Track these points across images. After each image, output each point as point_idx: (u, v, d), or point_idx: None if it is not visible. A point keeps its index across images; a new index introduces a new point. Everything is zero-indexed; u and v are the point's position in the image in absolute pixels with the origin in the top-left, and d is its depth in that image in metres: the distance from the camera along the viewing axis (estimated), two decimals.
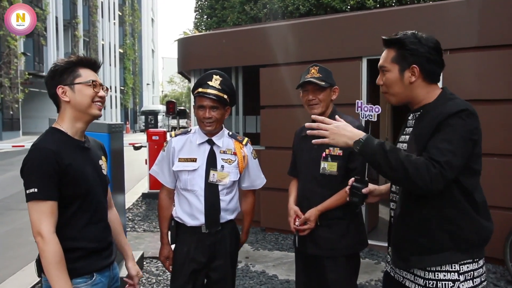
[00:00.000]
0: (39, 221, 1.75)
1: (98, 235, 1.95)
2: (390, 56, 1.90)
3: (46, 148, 1.80)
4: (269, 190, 5.69)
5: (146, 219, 7.10)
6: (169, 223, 2.68)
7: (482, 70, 4.65)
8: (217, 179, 2.53)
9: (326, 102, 2.56)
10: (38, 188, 1.75)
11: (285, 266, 4.78)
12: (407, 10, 5.45)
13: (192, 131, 2.65)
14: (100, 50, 39.03)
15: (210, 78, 2.49)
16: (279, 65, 5.85)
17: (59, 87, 1.90)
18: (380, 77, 1.95)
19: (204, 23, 13.66)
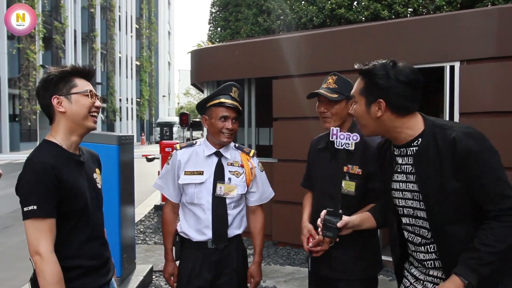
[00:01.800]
0: (37, 240, 1.67)
1: (96, 252, 1.88)
2: (359, 87, 1.83)
3: (44, 163, 1.71)
4: (282, 204, 5.61)
5: (158, 231, 7.04)
6: (173, 239, 2.60)
7: (500, 81, 4.52)
8: (224, 192, 2.46)
9: (340, 116, 2.37)
10: (37, 205, 1.66)
11: (297, 282, 4.66)
12: (422, 21, 5.36)
13: (198, 143, 2.58)
14: (117, 63, 39.60)
15: (231, 90, 2.46)
16: (292, 76, 5.79)
17: (55, 97, 1.81)
18: (352, 106, 1.89)
19: (218, 35, 13.73)
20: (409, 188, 1.79)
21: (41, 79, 1.88)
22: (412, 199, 1.78)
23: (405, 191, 1.80)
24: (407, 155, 1.78)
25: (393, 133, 1.79)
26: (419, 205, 1.75)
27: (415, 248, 1.83)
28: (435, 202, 1.68)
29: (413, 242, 1.83)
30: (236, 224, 2.52)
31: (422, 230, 1.78)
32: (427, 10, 9.46)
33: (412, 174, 1.76)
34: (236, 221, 2.53)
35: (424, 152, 1.71)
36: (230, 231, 2.49)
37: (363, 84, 1.80)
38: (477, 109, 4.54)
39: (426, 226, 1.76)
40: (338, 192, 1.90)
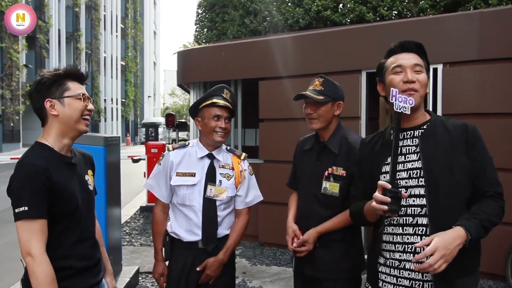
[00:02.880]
0: (28, 241, 1.67)
1: (87, 253, 1.89)
2: (422, 60, 1.91)
3: (36, 164, 1.72)
4: (268, 204, 5.63)
5: (144, 233, 7.02)
6: (163, 239, 2.61)
7: (482, 83, 4.61)
8: (214, 194, 2.48)
9: (326, 117, 2.41)
10: (28, 206, 1.67)
11: (283, 282, 4.70)
12: (407, 23, 5.44)
13: (190, 144, 2.60)
14: (102, 63, 39.24)
15: (222, 91, 2.51)
16: (278, 78, 5.83)
17: (47, 100, 1.83)
18: (412, 75, 1.84)
19: (204, 36, 13.71)
20: (406, 167, 1.84)
21: (34, 82, 1.90)
22: (408, 178, 1.83)
23: (401, 171, 1.85)
24: (412, 137, 1.88)
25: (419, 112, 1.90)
26: (417, 182, 1.81)
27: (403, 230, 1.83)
28: (438, 176, 1.77)
29: (399, 223, 1.84)
30: (225, 224, 2.55)
31: (415, 208, 1.80)
32: (411, 13, 9.59)
33: (415, 153, 1.84)
34: (226, 221, 2.55)
35: (432, 132, 1.85)
36: (219, 231, 2.51)
37: (422, 60, 1.91)
38: (459, 111, 4.63)
39: (421, 203, 1.79)
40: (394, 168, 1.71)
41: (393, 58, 1.93)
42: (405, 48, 1.92)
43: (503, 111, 4.50)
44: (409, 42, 1.93)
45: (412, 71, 1.85)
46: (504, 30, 4.52)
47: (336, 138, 2.43)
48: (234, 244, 2.56)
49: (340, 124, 2.51)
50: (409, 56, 1.89)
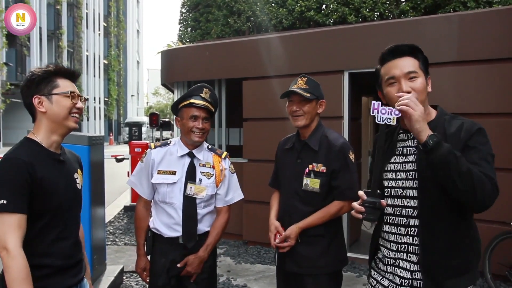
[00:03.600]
0: (4, 235, 1.66)
1: (66, 252, 1.87)
2: (417, 63, 1.85)
3: (19, 159, 1.72)
4: (252, 203, 5.67)
5: (128, 232, 7.00)
6: (145, 234, 2.66)
7: (461, 84, 4.73)
8: (194, 192, 2.53)
9: (311, 114, 2.50)
10: (7, 200, 1.67)
11: (267, 280, 4.74)
12: (388, 25, 5.54)
13: (172, 143, 2.64)
14: (85, 61, 38.77)
15: (201, 91, 2.55)
16: (262, 78, 5.88)
17: (36, 97, 1.84)
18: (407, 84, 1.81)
19: (188, 36, 13.67)
20: (405, 168, 1.86)
21: (25, 78, 1.90)
22: (405, 179, 1.85)
23: (400, 171, 1.88)
24: (413, 138, 1.86)
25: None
26: (412, 184, 1.82)
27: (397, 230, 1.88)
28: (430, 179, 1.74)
29: (394, 222, 1.88)
30: (206, 222, 2.60)
31: (408, 209, 1.84)
32: (392, 15, 9.72)
33: (413, 154, 1.84)
34: (206, 219, 2.60)
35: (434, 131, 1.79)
36: (200, 228, 2.56)
37: (417, 61, 1.86)
38: None
39: (413, 205, 1.82)
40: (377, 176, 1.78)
41: (386, 68, 1.89)
42: (396, 53, 1.87)
43: (481, 111, 4.61)
44: (401, 46, 1.88)
45: (406, 80, 1.82)
46: (483, 32, 4.63)
47: (316, 136, 2.52)
48: (214, 241, 2.61)
49: (321, 123, 2.60)
50: (402, 62, 1.85)
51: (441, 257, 1.77)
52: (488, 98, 4.60)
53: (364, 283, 4.70)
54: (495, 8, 4.98)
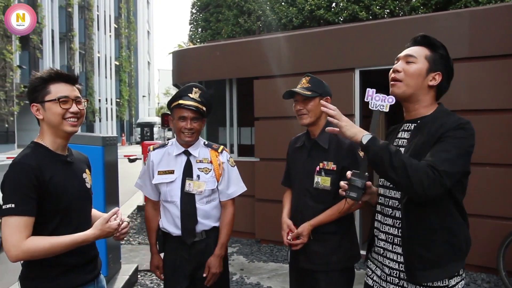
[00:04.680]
0: (11, 236, 1.70)
1: (80, 250, 1.90)
2: (425, 53, 1.89)
3: (25, 163, 1.77)
4: (264, 202, 5.69)
5: (141, 231, 7.07)
6: (156, 234, 2.74)
7: (473, 80, 4.69)
8: (193, 188, 2.59)
9: (315, 112, 2.52)
10: (15, 203, 1.72)
11: (280, 278, 4.76)
12: (399, 22, 5.52)
13: (170, 143, 2.72)
14: (96, 63, 39.13)
15: (190, 91, 2.57)
16: (273, 77, 5.90)
17: (33, 105, 1.88)
18: (401, 64, 1.90)
19: (198, 36, 13.74)
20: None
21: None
22: None
23: None
24: (408, 130, 1.92)
25: (417, 105, 1.91)
26: None
27: (384, 220, 1.95)
28: None
29: (383, 213, 1.96)
30: (212, 217, 2.66)
31: (394, 201, 1.91)
32: (403, 12, 9.67)
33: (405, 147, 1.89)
34: (212, 214, 2.66)
35: (422, 127, 1.85)
36: (205, 224, 2.61)
37: (430, 52, 1.89)
38: (451, 108, 4.59)
39: (397, 197, 1.89)
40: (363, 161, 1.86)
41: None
42: (413, 42, 1.96)
43: (493, 108, 4.58)
44: (418, 35, 1.95)
45: (403, 61, 1.90)
46: (494, 28, 4.60)
47: (325, 134, 2.54)
48: (227, 238, 2.68)
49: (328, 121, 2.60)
50: (414, 48, 1.92)
51: (416, 248, 1.80)
52: (500, 94, 4.57)
53: None
54: (506, 3, 4.93)
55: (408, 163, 1.65)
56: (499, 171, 4.58)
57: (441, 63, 1.88)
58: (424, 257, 1.78)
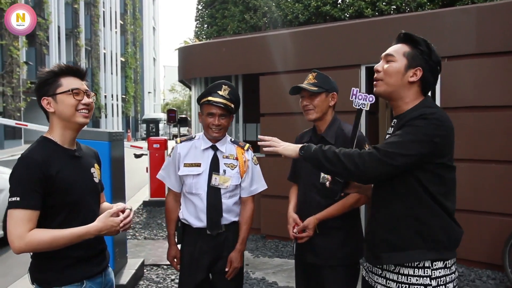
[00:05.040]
0: (14, 228, 1.73)
1: (87, 243, 1.91)
2: (403, 50, 1.92)
3: (31, 158, 1.80)
4: (269, 197, 5.71)
5: (147, 227, 7.11)
6: (175, 225, 2.79)
7: (480, 77, 4.68)
8: (219, 182, 2.64)
9: (321, 107, 2.54)
10: (20, 197, 1.74)
11: (285, 273, 4.79)
12: (405, 18, 5.50)
13: (197, 137, 2.76)
14: (102, 59, 39.25)
15: (220, 88, 2.62)
16: (279, 73, 5.90)
17: (43, 98, 1.90)
18: (381, 64, 1.96)
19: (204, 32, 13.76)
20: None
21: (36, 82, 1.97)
22: None
23: None
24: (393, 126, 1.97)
25: (400, 102, 1.93)
26: None
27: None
28: None
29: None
30: (232, 212, 2.70)
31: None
32: (409, 8, 9.64)
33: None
34: (232, 209, 2.70)
35: (397, 123, 1.91)
36: (226, 218, 2.67)
37: (408, 49, 1.91)
38: (457, 104, 4.71)
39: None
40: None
41: None
42: (396, 40, 2.00)
43: (500, 104, 4.57)
44: (400, 33, 1.99)
45: (384, 61, 1.96)
46: (501, 24, 4.58)
47: (332, 129, 2.57)
48: (247, 233, 2.75)
49: (336, 116, 2.65)
50: (394, 47, 1.96)
51: (379, 230, 1.89)
52: (507, 91, 4.55)
53: None
54: None
55: (340, 152, 1.80)
56: (505, 168, 4.57)
57: (422, 58, 1.89)
58: (387, 240, 1.85)
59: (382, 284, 1.90)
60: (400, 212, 1.83)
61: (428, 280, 1.80)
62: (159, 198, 8.55)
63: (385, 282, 1.88)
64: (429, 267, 1.80)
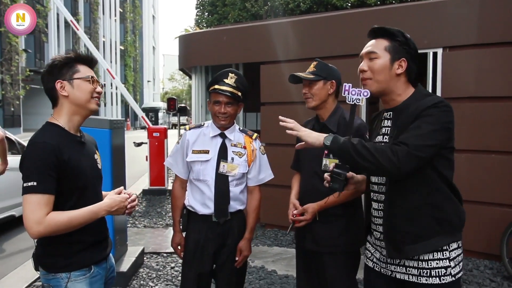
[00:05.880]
0: (32, 213, 1.73)
1: (96, 228, 1.97)
2: (383, 45, 1.94)
3: (46, 142, 1.81)
4: (269, 187, 5.70)
5: (147, 215, 7.14)
6: (181, 212, 2.81)
7: (481, 67, 4.67)
8: (227, 170, 2.66)
9: (319, 95, 2.57)
10: (37, 181, 1.75)
11: (284, 262, 4.82)
12: (408, 8, 5.47)
13: (206, 125, 2.78)
14: (101, 47, 39.05)
15: (226, 76, 2.63)
16: (279, 62, 5.88)
17: (58, 81, 1.91)
18: (365, 63, 1.97)
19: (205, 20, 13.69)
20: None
21: (46, 65, 1.97)
22: None
23: None
24: (390, 118, 1.98)
25: (392, 96, 1.96)
26: None
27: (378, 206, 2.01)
28: None
29: (377, 199, 2.01)
30: (239, 200, 2.73)
31: (380, 186, 1.98)
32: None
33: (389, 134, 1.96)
34: (239, 197, 2.73)
35: (399, 113, 1.92)
36: (232, 206, 2.69)
37: (388, 43, 1.93)
38: (458, 95, 4.70)
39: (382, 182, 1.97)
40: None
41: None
42: (371, 34, 2.02)
43: (501, 95, 4.57)
44: (372, 29, 2.01)
45: (367, 59, 1.97)
46: (503, 14, 4.56)
47: (334, 118, 2.59)
48: (255, 222, 2.79)
49: (339, 105, 2.67)
50: (370, 43, 1.99)
51: (399, 224, 1.87)
52: (508, 81, 4.55)
53: None
54: None
55: (372, 147, 1.76)
56: (504, 159, 4.58)
57: (402, 49, 1.92)
58: (409, 232, 1.85)
59: (402, 272, 1.91)
60: (418, 202, 1.85)
61: (447, 262, 1.85)
62: (158, 186, 8.57)
63: (405, 270, 1.90)
64: (447, 249, 1.85)
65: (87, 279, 1.94)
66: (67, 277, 1.89)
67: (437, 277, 1.84)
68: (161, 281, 4.35)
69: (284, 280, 4.27)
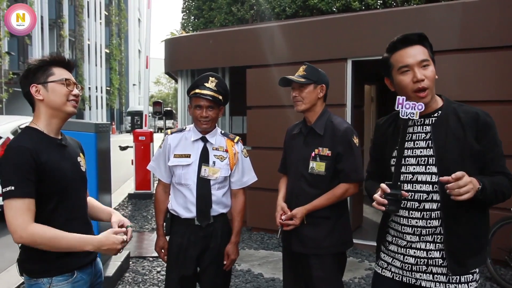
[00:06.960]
0: (14, 219, 1.72)
1: (78, 232, 1.91)
2: (427, 52, 1.89)
3: (22, 147, 1.79)
4: (255, 190, 5.73)
5: (132, 219, 7.09)
6: (164, 216, 2.80)
7: (464, 72, 4.75)
8: (209, 174, 2.66)
9: (309, 99, 2.61)
10: (15, 186, 1.73)
11: (271, 265, 4.83)
12: (392, 13, 5.55)
13: (187, 129, 2.78)
14: (86, 50, 38.68)
15: (206, 80, 2.64)
16: (265, 66, 5.91)
17: (33, 85, 1.90)
18: (421, 72, 1.85)
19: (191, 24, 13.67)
20: (415, 154, 1.92)
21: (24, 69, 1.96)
22: (416, 164, 1.91)
23: (409, 157, 1.93)
24: (423, 124, 1.93)
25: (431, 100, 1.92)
26: (425, 169, 1.89)
27: (410, 214, 1.93)
28: (450, 165, 1.80)
29: (406, 207, 1.94)
30: (221, 204, 2.72)
31: (421, 194, 1.90)
32: (395, 3, 9.70)
33: (425, 140, 1.91)
34: (222, 201, 2.72)
35: (445, 120, 1.88)
36: (214, 209, 2.68)
37: (428, 49, 1.91)
38: None
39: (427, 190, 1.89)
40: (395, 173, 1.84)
41: (397, 56, 1.91)
42: (407, 42, 1.91)
43: (484, 99, 4.64)
44: (411, 35, 1.91)
45: (419, 68, 1.86)
46: (486, 20, 4.65)
47: (321, 121, 2.62)
48: (240, 225, 2.79)
49: (326, 109, 2.70)
50: (414, 51, 1.88)
51: (465, 241, 1.86)
52: (490, 86, 4.64)
53: (366, 267, 4.78)
54: None
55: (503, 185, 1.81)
56: None
57: (432, 54, 1.92)
58: (472, 247, 1.87)
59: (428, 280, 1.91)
60: (483, 219, 1.91)
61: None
62: (144, 190, 8.52)
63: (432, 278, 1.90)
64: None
65: (69, 284, 1.91)
66: (49, 282, 1.86)
67: (465, 283, 1.86)
68: (147, 285, 4.33)
69: (271, 283, 4.28)
